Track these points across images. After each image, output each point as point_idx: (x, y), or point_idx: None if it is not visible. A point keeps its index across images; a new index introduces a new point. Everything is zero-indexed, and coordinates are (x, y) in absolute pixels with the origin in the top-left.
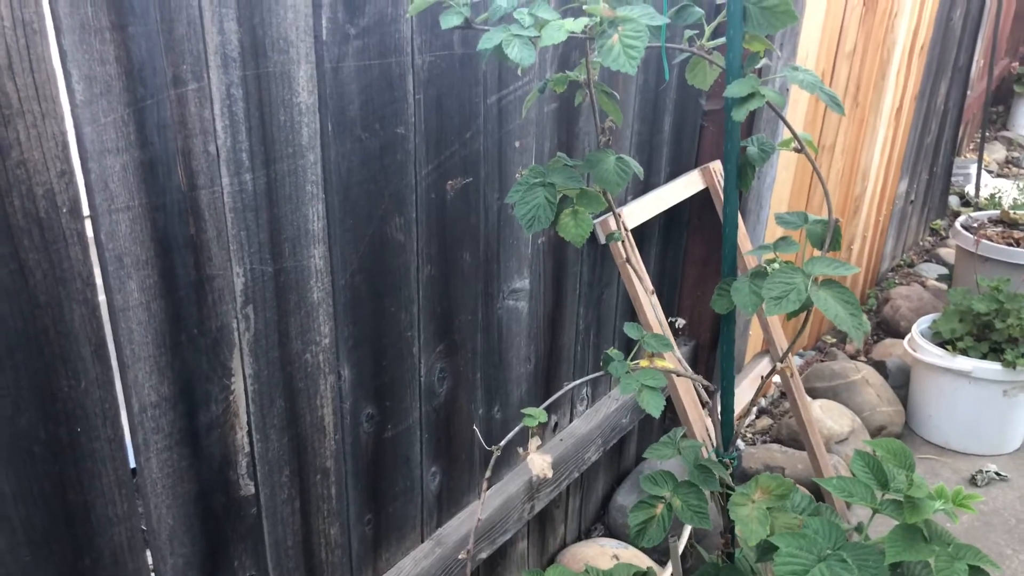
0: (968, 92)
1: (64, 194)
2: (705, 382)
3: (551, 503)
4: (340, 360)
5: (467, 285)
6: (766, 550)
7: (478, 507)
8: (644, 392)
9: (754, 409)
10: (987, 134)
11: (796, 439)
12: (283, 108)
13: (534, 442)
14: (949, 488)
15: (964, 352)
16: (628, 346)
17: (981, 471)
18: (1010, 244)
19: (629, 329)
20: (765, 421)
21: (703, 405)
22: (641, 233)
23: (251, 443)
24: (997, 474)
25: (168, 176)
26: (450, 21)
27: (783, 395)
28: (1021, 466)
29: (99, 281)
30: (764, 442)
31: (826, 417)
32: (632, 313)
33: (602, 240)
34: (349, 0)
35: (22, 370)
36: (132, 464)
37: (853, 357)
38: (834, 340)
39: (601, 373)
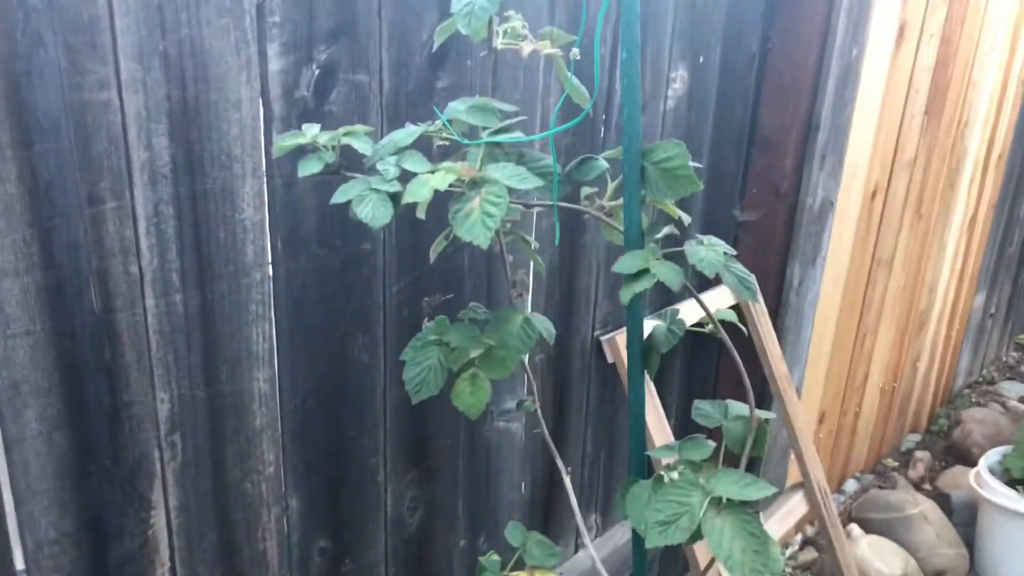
0: None
1: None
2: None
3: None
4: (287, 489)
5: (447, 408)
6: None
7: None
8: None
9: (798, 538)
10: None
11: None
12: (223, 225)
13: None
14: None
15: None
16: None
17: None
18: None
19: (511, 534)
20: (810, 554)
21: None
22: None
23: None
24: None
25: (78, 299)
26: (309, 168)
27: None
28: None
29: None
30: None
31: (874, 557)
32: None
33: (610, 360)
34: (306, 114)
35: None
36: None
37: (918, 485)
38: (896, 464)
39: None
